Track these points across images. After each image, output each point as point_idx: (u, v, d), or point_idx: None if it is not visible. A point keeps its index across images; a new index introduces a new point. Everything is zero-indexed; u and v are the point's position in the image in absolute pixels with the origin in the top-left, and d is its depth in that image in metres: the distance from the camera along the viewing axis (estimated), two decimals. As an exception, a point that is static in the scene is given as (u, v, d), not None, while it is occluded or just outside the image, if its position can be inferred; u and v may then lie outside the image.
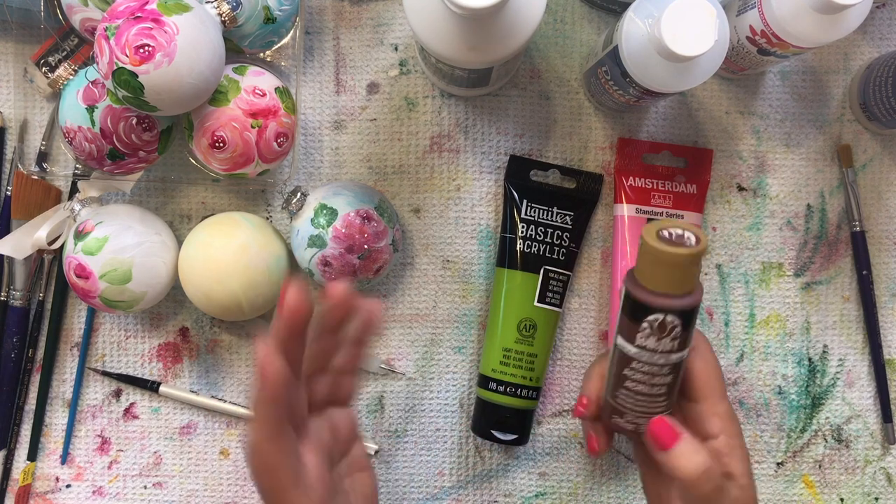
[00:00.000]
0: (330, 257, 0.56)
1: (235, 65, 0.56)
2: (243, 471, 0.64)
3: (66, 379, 0.64)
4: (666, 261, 0.43)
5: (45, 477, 0.64)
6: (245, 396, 0.64)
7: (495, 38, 0.48)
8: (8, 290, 0.62)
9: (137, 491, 0.64)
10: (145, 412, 0.64)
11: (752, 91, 0.63)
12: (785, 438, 0.64)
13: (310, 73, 0.63)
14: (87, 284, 0.56)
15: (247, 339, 0.64)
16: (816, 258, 0.63)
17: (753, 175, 0.63)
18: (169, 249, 0.58)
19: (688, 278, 0.43)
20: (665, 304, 0.44)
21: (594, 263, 0.63)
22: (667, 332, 0.44)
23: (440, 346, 0.63)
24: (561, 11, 0.63)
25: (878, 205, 0.63)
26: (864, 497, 0.64)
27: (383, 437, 0.64)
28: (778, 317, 0.63)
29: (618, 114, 0.63)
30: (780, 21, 0.51)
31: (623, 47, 0.50)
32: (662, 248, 0.42)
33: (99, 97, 0.54)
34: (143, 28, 0.49)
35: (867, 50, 0.63)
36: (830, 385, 0.64)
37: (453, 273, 0.63)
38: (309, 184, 0.63)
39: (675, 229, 0.44)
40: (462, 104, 0.63)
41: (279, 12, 0.56)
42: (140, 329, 0.64)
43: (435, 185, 0.63)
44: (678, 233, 0.44)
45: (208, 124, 0.54)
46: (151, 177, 0.62)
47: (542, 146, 0.63)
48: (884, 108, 0.59)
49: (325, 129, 0.63)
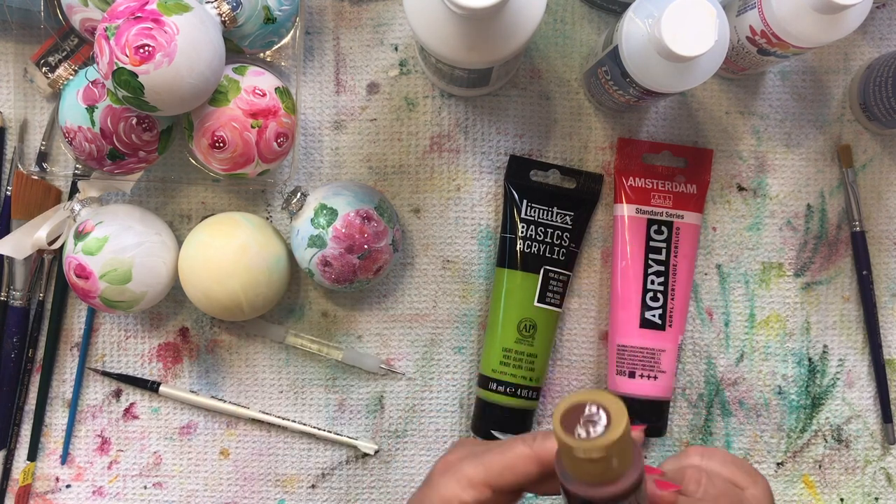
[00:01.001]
0: (330, 257, 0.56)
1: (235, 65, 0.56)
2: (243, 471, 0.64)
3: (66, 379, 0.64)
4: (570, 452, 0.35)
5: (45, 477, 0.64)
6: (245, 396, 0.64)
7: (495, 38, 0.48)
8: (8, 290, 0.62)
9: (137, 491, 0.64)
10: (145, 412, 0.64)
11: (752, 91, 0.63)
12: (785, 438, 0.64)
13: (310, 73, 0.63)
14: (87, 284, 0.56)
15: (247, 339, 0.64)
16: (816, 258, 0.63)
17: (753, 175, 0.63)
18: (169, 249, 0.58)
19: (601, 470, 0.35)
20: (575, 491, 0.37)
21: (594, 263, 0.63)
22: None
23: (440, 346, 0.63)
24: (561, 11, 0.63)
25: (878, 205, 0.63)
26: (864, 497, 0.64)
27: (383, 437, 0.64)
28: (778, 317, 0.63)
29: (618, 114, 0.63)
30: (780, 21, 0.51)
31: (623, 47, 0.50)
32: (563, 438, 0.35)
33: (99, 97, 0.54)
34: (143, 28, 0.49)
35: (867, 50, 0.63)
36: (830, 385, 0.64)
37: (453, 273, 0.63)
38: (309, 184, 0.63)
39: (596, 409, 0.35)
40: (462, 104, 0.63)
41: (279, 12, 0.56)
42: (140, 329, 0.64)
43: (435, 185, 0.63)
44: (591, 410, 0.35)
45: (208, 124, 0.54)
46: (151, 177, 0.62)
47: (542, 146, 0.63)
48: (884, 108, 0.59)
49: (325, 129, 0.63)
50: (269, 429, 0.64)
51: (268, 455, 0.64)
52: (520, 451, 0.42)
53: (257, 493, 0.64)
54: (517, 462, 0.42)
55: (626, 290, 0.61)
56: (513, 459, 0.42)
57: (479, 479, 0.42)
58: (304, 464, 0.64)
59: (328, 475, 0.64)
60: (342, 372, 0.63)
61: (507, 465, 0.42)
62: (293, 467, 0.64)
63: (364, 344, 0.63)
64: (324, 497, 0.64)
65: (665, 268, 0.61)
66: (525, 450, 0.42)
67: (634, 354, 0.60)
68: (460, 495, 0.42)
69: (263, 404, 0.64)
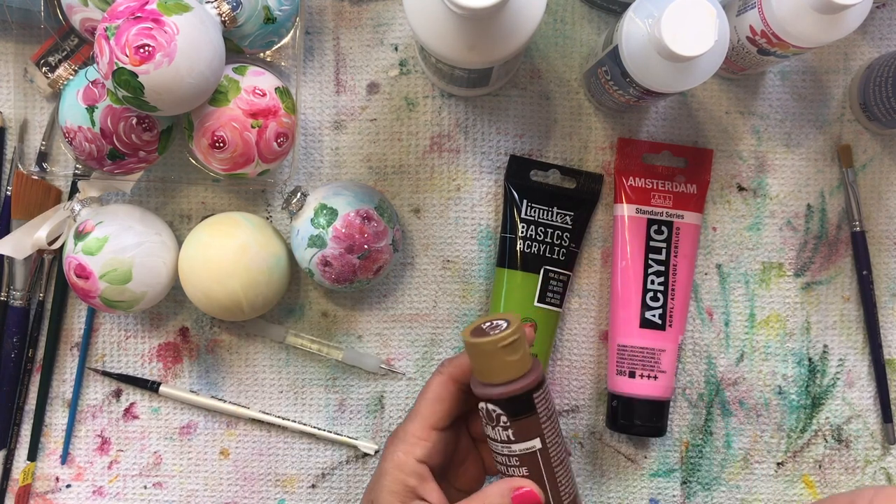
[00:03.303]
0: (330, 257, 0.56)
1: (235, 65, 0.56)
2: (243, 471, 0.64)
3: (66, 379, 0.64)
4: (476, 351, 0.44)
5: (45, 477, 0.64)
6: (245, 396, 0.64)
7: (495, 38, 0.48)
8: (8, 290, 0.62)
9: (137, 491, 0.64)
10: (145, 412, 0.64)
11: (752, 91, 0.63)
12: (785, 438, 0.64)
13: (310, 73, 0.63)
14: (87, 284, 0.56)
15: (247, 339, 0.64)
16: (816, 258, 0.63)
17: (753, 175, 0.63)
18: (169, 249, 0.58)
19: (504, 366, 0.44)
20: (483, 394, 0.45)
21: (594, 263, 0.63)
22: (495, 422, 0.45)
23: (440, 346, 0.63)
24: (561, 11, 0.63)
25: (878, 205, 0.63)
26: (864, 497, 0.64)
27: (383, 437, 0.64)
28: (778, 317, 0.63)
29: (618, 114, 0.63)
30: (780, 21, 0.51)
31: (623, 47, 0.50)
32: (470, 340, 0.44)
33: (99, 97, 0.54)
34: (143, 28, 0.49)
35: (867, 50, 0.63)
36: (830, 385, 0.64)
37: (453, 273, 0.63)
38: (309, 184, 0.63)
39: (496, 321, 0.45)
40: (462, 104, 0.63)
41: (279, 12, 0.56)
42: (140, 329, 0.64)
43: (435, 185, 0.63)
44: (492, 323, 0.45)
45: (208, 124, 0.54)
46: (151, 177, 0.62)
47: (542, 146, 0.63)
48: (884, 108, 0.59)
49: (325, 129, 0.63)
50: (269, 429, 0.64)
51: (268, 455, 0.64)
52: (435, 381, 0.48)
53: (257, 493, 0.64)
54: (438, 391, 0.48)
55: (627, 290, 0.61)
56: (434, 392, 0.48)
57: (420, 428, 0.47)
58: (304, 464, 0.64)
59: (328, 475, 0.64)
60: (342, 372, 0.63)
61: (433, 398, 0.48)
62: (293, 467, 0.64)
63: (364, 344, 0.63)
64: (324, 497, 0.64)
65: (665, 268, 0.61)
66: (439, 378, 0.48)
67: (634, 354, 0.60)
68: (412, 452, 0.47)
69: (263, 404, 0.64)
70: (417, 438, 0.47)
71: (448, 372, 0.48)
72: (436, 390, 0.48)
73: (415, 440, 0.47)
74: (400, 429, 0.49)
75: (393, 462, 0.47)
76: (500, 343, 0.43)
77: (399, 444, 0.48)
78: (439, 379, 0.48)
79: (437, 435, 0.48)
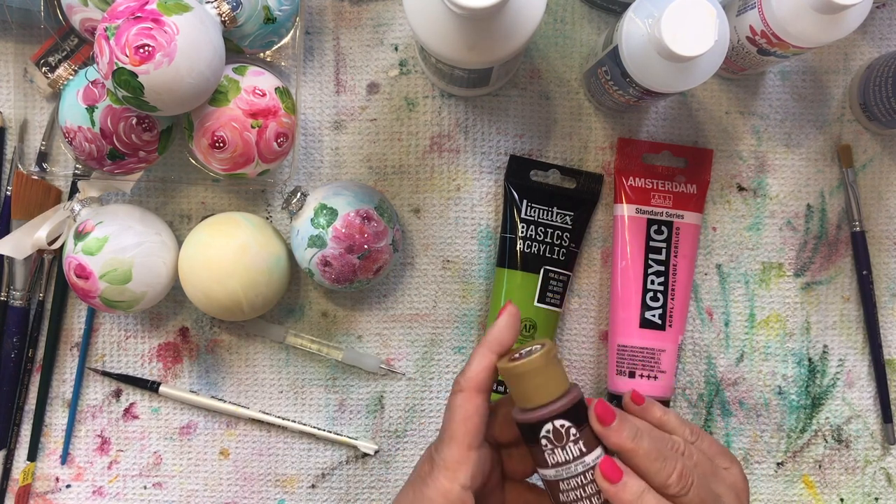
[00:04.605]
0: (330, 257, 0.56)
1: (235, 65, 0.56)
2: (243, 471, 0.64)
3: (66, 379, 0.64)
4: (522, 375, 0.44)
5: (45, 477, 0.64)
6: (245, 396, 0.64)
7: (495, 38, 0.48)
8: (8, 290, 0.62)
9: (137, 491, 0.64)
10: (145, 412, 0.64)
11: (752, 91, 0.63)
12: (785, 438, 0.64)
13: (310, 73, 0.63)
14: (87, 284, 0.56)
15: (247, 339, 0.64)
16: (816, 258, 0.63)
17: (753, 175, 0.63)
18: (169, 249, 0.58)
19: (552, 382, 0.44)
20: (544, 415, 0.44)
21: (594, 263, 0.63)
22: (565, 438, 0.44)
23: (440, 346, 0.63)
24: (561, 11, 0.63)
25: (878, 205, 0.63)
26: (864, 497, 0.64)
27: (383, 437, 0.64)
28: (778, 317, 0.63)
29: (618, 114, 0.63)
30: (780, 21, 0.51)
31: (623, 47, 0.50)
32: (513, 366, 0.44)
33: (99, 97, 0.54)
34: (143, 28, 0.49)
35: (867, 50, 0.63)
36: (830, 385, 0.64)
37: (453, 273, 0.63)
38: (309, 184, 0.63)
39: (525, 348, 0.46)
40: (462, 104, 0.63)
41: (279, 12, 0.56)
42: (140, 329, 0.64)
43: (435, 185, 0.63)
44: (526, 349, 0.45)
45: (208, 124, 0.54)
46: (151, 177, 0.62)
47: (542, 146, 0.63)
48: (884, 108, 0.59)
49: (325, 129, 0.63)
50: (269, 429, 0.64)
51: (268, 455, 0.64)
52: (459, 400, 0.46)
53: (257, 493, 0.64)
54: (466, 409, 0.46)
55: (626, 290, 0.61)
56: (462, 411, 0.46)
57: (457, 451, 0.46)
58: (304, 464, 0.64)
59: (328, 475, 0.64)
60: (342, 372, 0.63)
61: (462, 418, 0.46)
62: (293, 467, 0.64)
63: (364, 344, 0.63)
64: (324, 497, 0.64)
65: (665, 268, 0.61)
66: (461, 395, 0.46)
67: (634, 354, 0.60)
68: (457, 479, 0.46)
69: (263, 404, 0.64)
70: (458, 463, 0.46)
71: (469, 387, 0.46)
72: (463, 408, 0.46)
73: (456, 465, 0.46)
74: (434, 455, 0.47)
75: (437, 490, 0.46)
76: (551, 354, 0.44)
77: (441, 471, 0.46)
78: (462, 396, 0.46)
79: (475, 455, 0.46)
